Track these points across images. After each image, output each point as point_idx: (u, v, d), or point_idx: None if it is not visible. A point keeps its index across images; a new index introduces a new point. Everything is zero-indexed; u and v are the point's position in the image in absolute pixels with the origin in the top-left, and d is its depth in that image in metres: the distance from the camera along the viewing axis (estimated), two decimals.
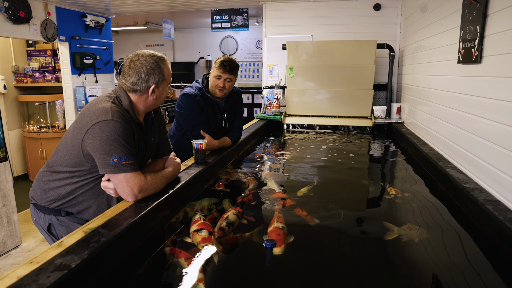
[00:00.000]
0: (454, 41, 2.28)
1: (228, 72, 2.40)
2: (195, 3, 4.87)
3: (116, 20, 6.53)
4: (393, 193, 2.10)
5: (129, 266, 1.30)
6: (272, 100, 4.34)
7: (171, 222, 1.64)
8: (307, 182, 2.21)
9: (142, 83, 1.54)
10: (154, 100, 1.60)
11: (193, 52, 8.36)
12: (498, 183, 1.66)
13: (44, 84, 5.46)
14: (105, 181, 1.53)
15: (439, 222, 1.73)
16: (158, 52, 1.61)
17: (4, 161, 3.24)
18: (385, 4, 4.35)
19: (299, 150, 3.25)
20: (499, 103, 1.69)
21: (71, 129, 1.53)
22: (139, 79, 1.53)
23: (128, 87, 1.55)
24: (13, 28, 4.02)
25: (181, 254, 1.37)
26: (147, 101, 1.59)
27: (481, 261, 1.39)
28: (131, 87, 1.55)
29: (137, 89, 1.55)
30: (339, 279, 1.32)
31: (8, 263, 3.14)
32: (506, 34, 1.64)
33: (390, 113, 4.18)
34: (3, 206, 3.24)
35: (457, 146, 2.21)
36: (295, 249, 1.49)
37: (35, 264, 1.02)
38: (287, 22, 4.66)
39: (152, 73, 1.54)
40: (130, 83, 1.54)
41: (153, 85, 1.56)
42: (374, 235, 1.66)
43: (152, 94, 1.58)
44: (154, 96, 1.59)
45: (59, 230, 1.61)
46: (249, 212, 1.78)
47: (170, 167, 1.75)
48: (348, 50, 4.10)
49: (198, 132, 2.40)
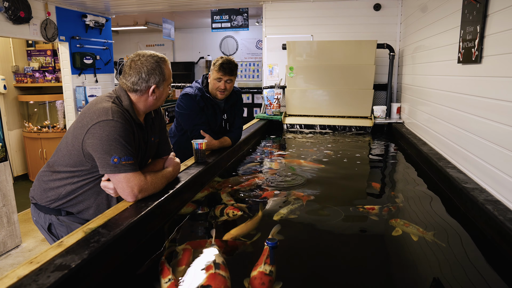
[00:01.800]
0: (454, 41, 2.28)
1: (228, 74, 2.40)
2: (195, 3, 4.87)
3: (116, 20, 6.53)
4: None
5: (129, 266, 1.30)
6: (272, 100, 4.34)
7: (171, 222, 1.64)
8: (289, 202, 1.91)
9: (143, 83, 1.54)
10: (154, 100, 1.60)
11: (193, 52, 8.36)
12: (498, 183, 1.66)
13: (44, 84, 5.46)
14: (105, 181, 1.53)
15: (439, 222, 1.73)
16: (159, 53, 1.61)
17: (4, 161, 3.24)
18: (385, 4, 4.35)
19: (299, 150, 3.25)
20: (499, 103, 1.69)
21: (71, 129, 1.53)
22: (140, 79, 1.53)
23: (129, 87, 1.55)
24: (13, 28, 4.02)
25: (186, 255, 1.36)
26: (147, 101, 1.59)
27: (481, 261, 1.39)
28: (131, 87, 1.55)
29: (138, 89, 1.55)
30: (339, 279, 1.32)
31: (8, 263, 3.14)
32: (506, 34, 1.64)
33: (390, 113, 4.18)
34: (3, 206, 3.24)
35: (457, 146, 2.21)
36: (295, 249, 1.49)
37: (35, 264, 1.02)
38: (287, 22, 4.66)
39: (152, 73, 1.54)
40: (131, 83, 1.54)
41: (153, 85, 1.56)
42: (374, 235, 1.66)
43: (153, 94, 1.58)
44: (154, 96, 1.59)
45: (60, 230, 1.61)
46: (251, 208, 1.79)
47: (170, 167, 1.75)
48: (348, 50, 4.10)
49: (198, 132, 2.40)
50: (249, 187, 2.14)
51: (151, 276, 1.26)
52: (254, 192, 2.06)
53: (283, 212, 1.73)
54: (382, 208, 1.83)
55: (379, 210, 1.80)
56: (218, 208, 1.79)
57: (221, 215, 1.73)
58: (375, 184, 2.38)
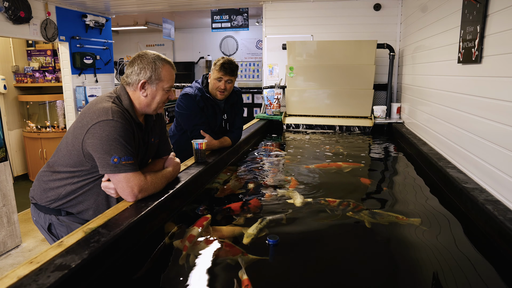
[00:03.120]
0: (454, 41, 2.28)
1: (229, 74, 2.40)
2: (195, 3, 4.87)
3: (116, 20, 6.53)
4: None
5: (129, 266, 1.30)
6: (272, 100, 4.35)
7: (171, 222, 1.64)
8: (257, 217, 1.72)
9: (134, 75, 1.54)
10: (146, 98, 1.57)
11: (193, 52, 8.36)
12: (498, 183, 1.66)
13: (44, 84, 5.46)
14: (105, 181, 1.53)
15: (439, 222, 1.73)
16: (166, 57, 1.62)
17: (4, 161, 3.24)
18: (385, 4, 4.35)
19: (299, 150, 3.25)
20: (499, 103, 1.69)
21: (71, 129, 1.53)
22: (132, 71, 1.54)
23: (124, 80, 1.57)
24: (13, 28, 4.02)
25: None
26: (140, 98, 1.57)
27: (481, 261, 1.39)
28: (125, 79, 1.57)
29: (129, 82, 1.56)
30: (339, 279, 1.32)
31: (8, 263, 3.14)
32: (506, 34, 1.64)
33: (390, 113, 4.18)
34: (3, 206, 3.24)
35: (457, 146, 2.21)
36: (296, 249, 1.49)
37: (35, 264, 1.02)
38: (287, 22, 4.66)
39: (145, 68, 1.53)
40: (125, 75, 1.57)
41: (143, 79, 1.54)
42: (374, 235, 1.66)
43: (142, 90, 1.55)
44: (145, 93, 1.55)
45: (60, 230, 1.61)
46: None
47: (170, 167, 1.75)
48: (348, 50, 4.10)
49: (198, 132, 2.40)
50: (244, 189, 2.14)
51: (151, 276, 1.26)
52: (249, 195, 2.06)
53: (252, 233, 1.54)
54: (342, 203, 1.87)
55: (338, 204, 1.86)
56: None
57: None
58: (364, 180, 2.40)
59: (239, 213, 1.77)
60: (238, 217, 1.72)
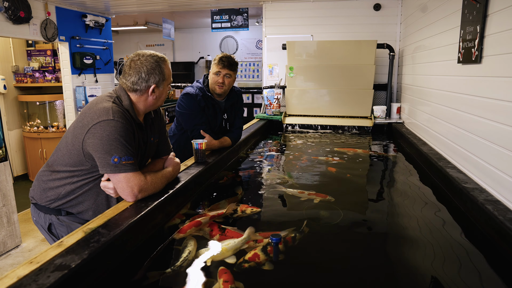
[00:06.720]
0: (454, 41, 2.28)
1: (227, 67, 2.40)
2: (195, 3, 4.87)
3: (116, 20, 6.53)
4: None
5: (129, 266, 1.30)
6: (272, 100, 4.34)
7: (170, 223, 1.64)
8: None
9: (143, 82, 1.54)
10: (154, 100, 1.61)
11: (193, 52, 8.36)
12: (498, 183, 1.66)
13: (44, 84, 5.46)
14: (105, 181, 1.53)
15: (439, 222, 1.73)
16: (159, 53, 1.62)
17: (4, 161, 3.24)
18: (385, 4, 4.35)
19: (299, 150, 3.25)
20: (499, 103, 1.69)
21: (71, 128, 1.53)
22: (140, 78, 1.54)
23: (129, 87, 1.55)
24: (13, 28, 4.02)
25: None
26: (147, 101, 1.60)
27: (481, 261, 1.39)
28: (131, 87, 1.55)
29: (137, 88, 1.55)
30: (339, 279, 1.32)
31: (8, 263, 3.14)
32: (506, 34, 1.64)
33: (390, 113, 4.18)
34: (3, 206, 3.24)
35: (457, 146, 2.21)
36: (295, 249, 1.49)
37: (35, 264, 1.02)
38: (287, 22, 4.66)
39: (152, 72, 1.54)
40: (131, 83, 1.54)
41: (153, 84, 1.56)
42: (374, 235, 1.66)
43: (152, 94, 1.58)
44: (154, 96, 1.59)
45: (60, 230, 1.61)
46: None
47: (170, 167, 1.75)
48: (348, 50, 4.10)
49: (198, 132, 2.40)
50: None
51: (151, 276, 1.26)
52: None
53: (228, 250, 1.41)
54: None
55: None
56: (230, 207, 1.79)
57: (235, 213, 1.75)
58: (331, 168, 2.56)
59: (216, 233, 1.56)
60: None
